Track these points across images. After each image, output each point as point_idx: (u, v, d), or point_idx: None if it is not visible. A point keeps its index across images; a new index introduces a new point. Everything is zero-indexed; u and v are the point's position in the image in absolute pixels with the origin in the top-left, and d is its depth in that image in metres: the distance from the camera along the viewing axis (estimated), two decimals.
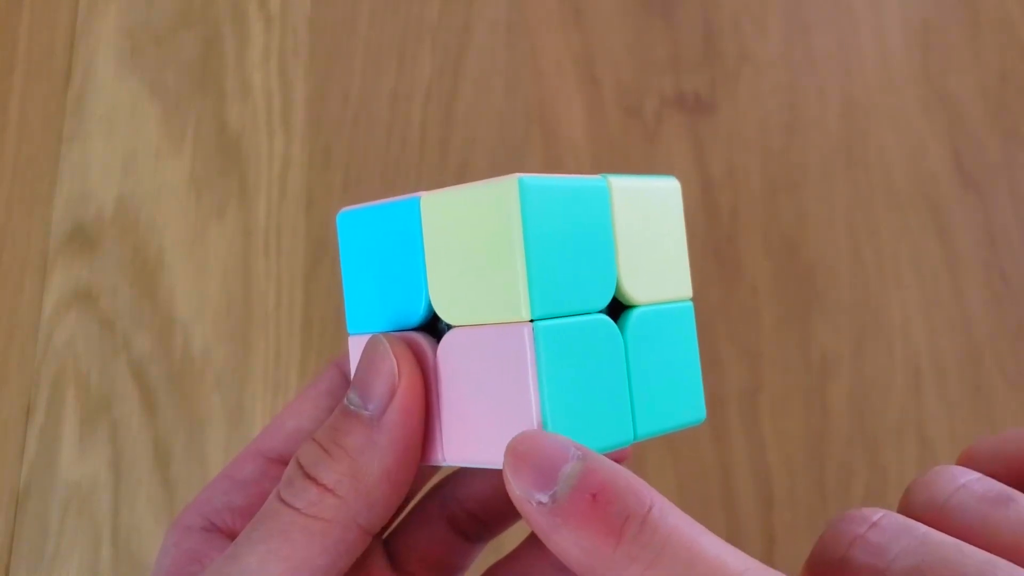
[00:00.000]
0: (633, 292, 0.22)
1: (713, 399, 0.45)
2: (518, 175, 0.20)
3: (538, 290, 0.20)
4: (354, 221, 0.23)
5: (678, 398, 0.23)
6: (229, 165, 0.49)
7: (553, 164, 0.49)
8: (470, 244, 0.20)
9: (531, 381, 0.19)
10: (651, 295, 0.23)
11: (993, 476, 0.19)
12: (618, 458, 0.25)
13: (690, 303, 0.24)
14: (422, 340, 0.22)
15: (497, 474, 0.24)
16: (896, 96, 0.51)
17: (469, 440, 0.21)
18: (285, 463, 0.24)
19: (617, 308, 0.22)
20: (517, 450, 0.18)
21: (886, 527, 0.18)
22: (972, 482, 0.19)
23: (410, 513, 0.27)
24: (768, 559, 0.42)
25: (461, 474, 0.27)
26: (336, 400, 0.25)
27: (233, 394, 0.45)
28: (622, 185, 0.22)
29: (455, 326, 0.21)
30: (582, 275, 0.21)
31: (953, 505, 0.19)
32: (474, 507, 0.26)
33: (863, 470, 0.44)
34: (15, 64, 0.52)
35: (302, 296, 0.47)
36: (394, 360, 0.21)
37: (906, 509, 0.19)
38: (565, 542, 0.17)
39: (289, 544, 0.20)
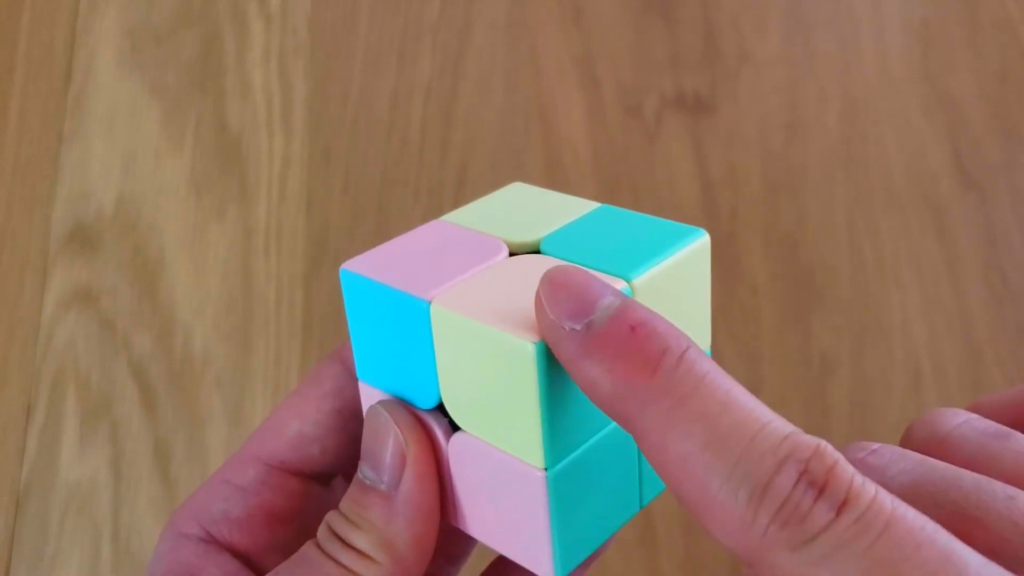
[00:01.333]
0: None
1: None
2: (533, 340, 0.18)
3: (552, 443, 0.19)
4: (359, 287, 0.22)
5: None
6: (229, 165, 0.49)
7: (553, 164, 0.49)
8: (484, 378, 0.20)
9: (543, 520, 0.19)
10: None
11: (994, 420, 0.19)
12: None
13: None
14: (433, 421, 0.21)
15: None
16: (896, 96, 0.51)
17: (480, 521, 0.21)
18: (287, 470, 0.24)
19: None
20: (556, 279, 0.18)
21: (884, 452, 0.18)
22: (973, 419, 0.19)
23: None
24: None
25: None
26: (341, 403, 0.24)
27: (233, 394, 0.45)
28: (647, 284, 0.20)
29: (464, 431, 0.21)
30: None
31: (954, 438, 0.19)
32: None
33: None
34: (15, 64, 0.52)
35: (302, 296, 0.47)
36: (398, 430, 0.21)
37: (906, 443, 0.20)
38: (595, 369, 0.17)
39: None
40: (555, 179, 0.49)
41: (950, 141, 0.50)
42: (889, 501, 0.15)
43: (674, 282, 0.21)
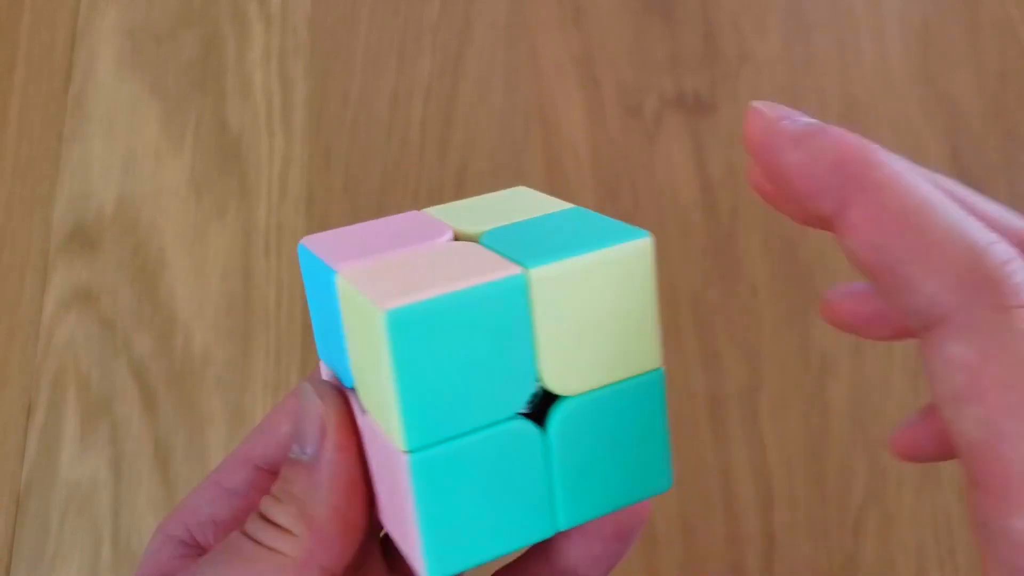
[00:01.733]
0: (561, 384, 0.20)
1: (713, 399, 0.45)
2: (387, 307, 0.17)
3: (413, 424, 0.18)
4: (306, 261, 0.22)
5: (632, 473, 0.21)
6: (229, 165, 0.49)
7: (553, 164, 0.49)
8: (365, 350, 0.19)
9: (412, 509, 0.19)
10: (589, 382, 0.20)
11: None
12: (636, 523, 0.25)
13: (658, 372, 0.21)
14: (352, 395, 0.21)
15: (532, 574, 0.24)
16: (896, 96, 0.51)
17: (385, 513, 0.21)
18: (275, 473, 0.24)
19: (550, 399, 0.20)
20: (762, 104, 0.20)
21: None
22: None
23: None
24: (768, 559, 0.42)
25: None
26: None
27: (233, 394, 0.45)
28: (546, 275, 0.19)
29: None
30: (481, 388, 0.19)
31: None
32: None
33: (863, 470, 0.44)
34: (15, 64, 0.52)
35: (302, 296, 0.47)
36: (319, 402, 0.21)
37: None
38: (813, 149, 0.18)
39: (250, 569, 0.20)
40: (555, 179, 0.49)
41: (950, 141, 0.50)
42: None
43: (594, 282, 0.19)
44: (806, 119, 0.19)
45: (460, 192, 0.49)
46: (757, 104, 0.20)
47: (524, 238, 0.20)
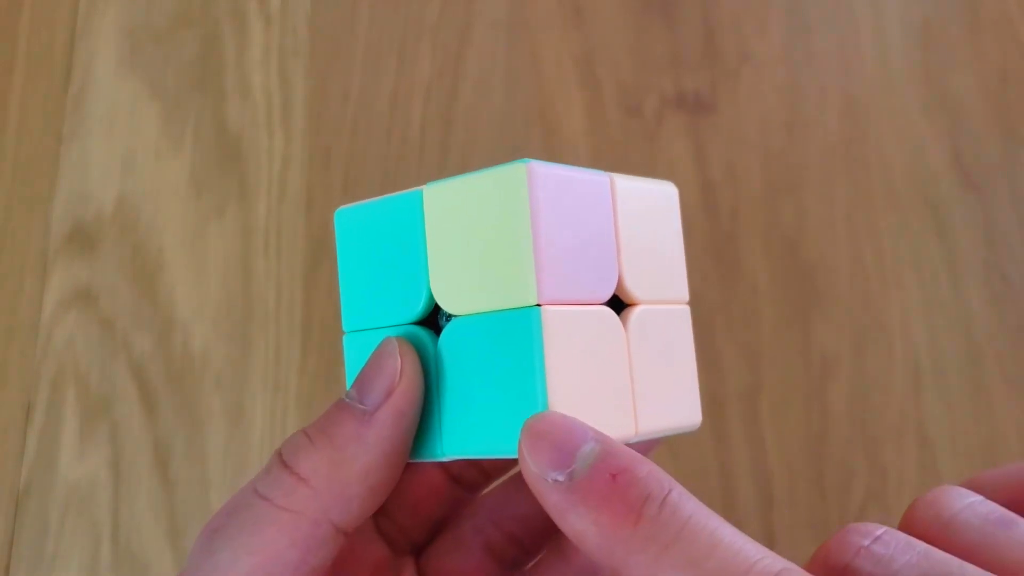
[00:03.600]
0: (445, 301, 0.21)
1: (713, 399, 0.45)
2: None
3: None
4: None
5: (509, 418, 0.21)
6: (229, 165, 0.49)
7: None
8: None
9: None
10: (469, 305, 0.21)
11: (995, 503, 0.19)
12: (644, 449, 0.25)
13: (534, 310, 0.21)
14: (425, 338, 0.22)
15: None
16: (896, 96, 0.51)
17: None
18: None
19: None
20: (534, 429, 0.18)
21: (889, 541, 0.18)
22: (976, 503, 0.19)
23: (444, 538, 0.26)
24: None
25: (500, 496, 0.26)
26: None
27: (233, 394, 0.45)
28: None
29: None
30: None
31: (958, 523, 0.19)
32: (515, 528, 0.25)
33: (863, 470, 0.44)
34: (15, 64, 0.52)
35: (302, 296, 0.47)
36: (399, 361, 0.21)
37: (909, 524, 0.19)
38: (581, 521, 0.17)
39: (259, 537, 0.20)
40: None
41: (950, 141, 0.50)
42: None
43: (475, 205, 0.21)
44: (582, 451, 0.18)
45: None
46: (524, 435, 0.18)
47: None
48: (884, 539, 0.18)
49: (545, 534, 0.26)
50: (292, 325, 0.46)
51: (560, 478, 0.18)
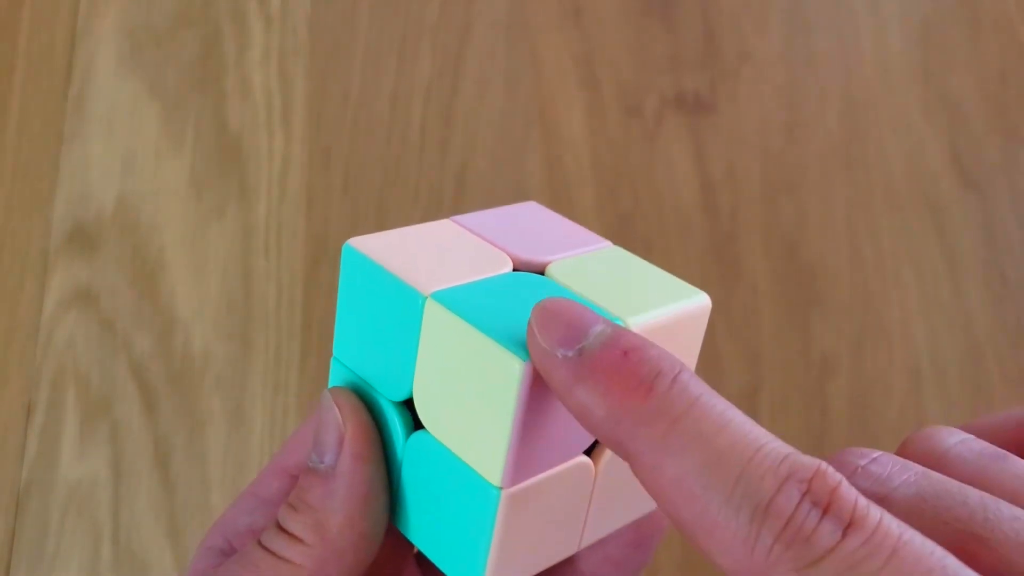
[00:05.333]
0: (420, 410, 0.21)
1: None
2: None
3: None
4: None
5: (452, 541, 0.21)
6: (229, 165, 0.49)
7: (553, 164, 0.49)
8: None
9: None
10: (438, 432, 0.21)
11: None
12: (655, 532, 0.25)
13: (494, 491, 0.21)
14: (398, 423, 0.22)
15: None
16: (896, 96, 0.51)
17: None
18: None
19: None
20: (548, 308, 0.18)
21: (886, 462, 0.18)
22: (970, 439, 0.19)
23: None
24: None
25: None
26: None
27: (233, 394, 0.45)
28: (434, 312, 0.20)
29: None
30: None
31: (952, 456, 0.19)
32: None
33: None
34: (15, 64, 0.52)
35: (302, 296, 0.47)
36: (336, 411, 0.21)
37: (903, 456, 0.19)
38: (589, 394, 0.17)
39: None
40: (555, 179, 0.49)
41: (950, 141, 0.50)
42: (896, 525, 0.15)
43: (466, 355, 0.20)
44: (593, 331, 0.18)
45: (460, 192, 0.49)
46: (535, 313, 0.18)
47: (593, 280, 0.21)
48: (881, 460, 0.18)
49: None
50: (292, 325, 0.46)
51: (569, 353, 0.17)
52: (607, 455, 0.21)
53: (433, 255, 0.21)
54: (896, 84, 0.51)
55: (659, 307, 0.20)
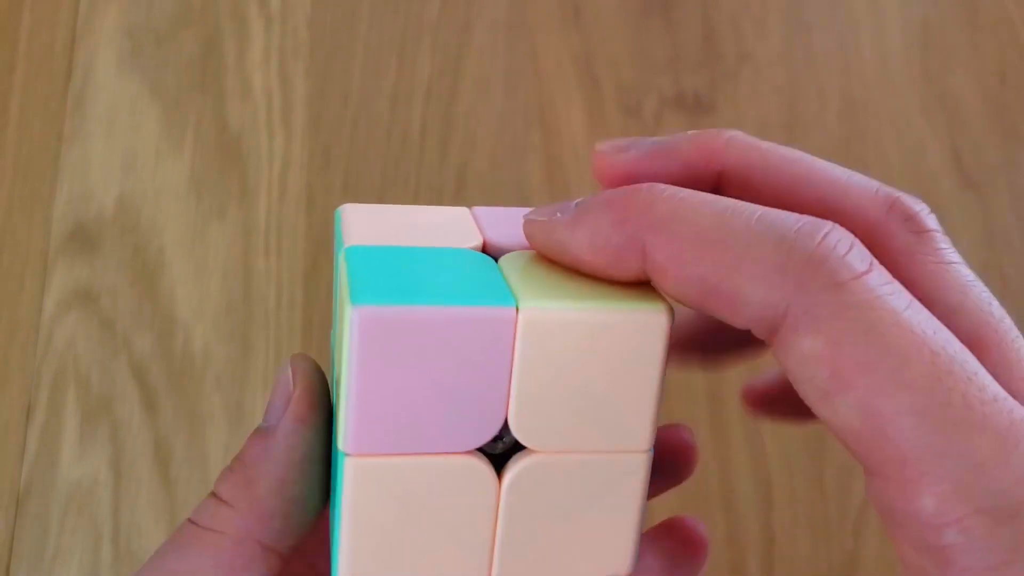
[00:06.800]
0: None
1: (713, 399, 0.45)
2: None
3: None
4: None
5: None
6: (229, 165, 0.49)
7: (553, 164, 0.49)
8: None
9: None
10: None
11: None
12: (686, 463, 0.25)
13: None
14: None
15: None
16: (896, 96, 0.51)
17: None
18: None
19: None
20: (531, 213, 0.19)
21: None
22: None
23: None
24: (768, 559, 0.42)
25: None
26: None
27: (233, 394, 0.45)
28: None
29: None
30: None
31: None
32: None
33: (863, 470, 0.44)
34: (15, 64, 0.52)
35: (302, 296, 0.47)
36: (289, 372, 0.21)
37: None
38: (591, 223, 0.18)
39: (184, 561, 0.20)
40: (555, 179, 0.49)
41: (949, 141, 0.50)
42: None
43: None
44: (579, 200, 0.18)
45: (460, 192, 0.49)
46: (529, 215, 0.19)
47: (540, 271, 0.19)
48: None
49: None
50: (292, 325, 0.46)
51: (565, 212, 0.18)
52: (519, 472, 0.19)
53: (406, 224, 0.20)
54: (896, 84, 0.51)
55: (576, 302, 0.18)
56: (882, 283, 0.15)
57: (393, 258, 0.19)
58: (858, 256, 0.15)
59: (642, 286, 0.18)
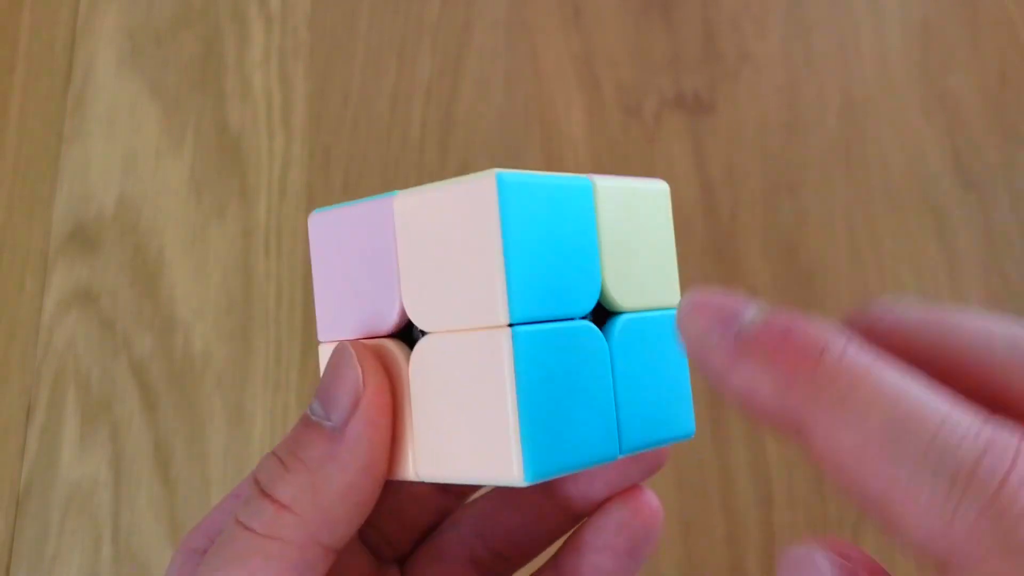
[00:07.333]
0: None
1: (713, 399, 0.45)
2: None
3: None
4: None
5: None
6: (229, 165, 0.49)
7: (554, 164, 0.49)
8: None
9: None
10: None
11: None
12: (656, 464, 0.24)
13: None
14: (394, 348, 0.20)
15: (525, 506, 0.23)
16: (896, 96, 0.51)
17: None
18: None
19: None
20: (695, 298, 0.17)
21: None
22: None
23: (428, 548, 0.25)
24: (768, 559, 0.42)
25: (486, 507, 0.25)
26: None
27: (233, 394, 0.45)
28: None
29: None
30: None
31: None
32: (500, 544, 0.24)
33: None
34: (15, 64, 0.52)
35: (302, 296, 0.47)
36: (359, 369, 0.20)
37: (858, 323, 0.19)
38: (752, 373, 0.16)
39: (246, 570, 0.19)
40: None
41: (950, 141, 0.50)
42: None
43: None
44: (745, 322, 0.17)
45: None
46: (683, 304, 0.17)
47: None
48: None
49: (529, 549, 0.25)
50: (292, 325, 0.46)
51: (726, 336, 0.17)
52: (415, 352, 0.20)
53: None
54: (896, 84, 0.51)
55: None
56: None
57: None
58: None
59: None
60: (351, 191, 0.49)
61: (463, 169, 0.49)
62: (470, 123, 0.50)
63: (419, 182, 0.49)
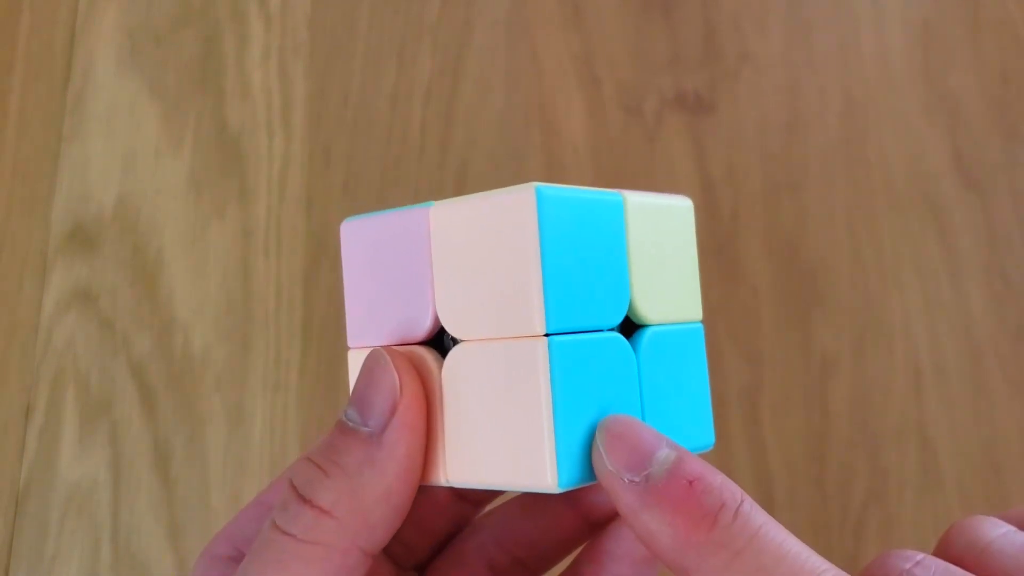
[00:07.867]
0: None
1: (713, 399, 0.45)
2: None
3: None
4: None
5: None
6: (229, 165, 0.49)
7: (553, 164, 0.49)
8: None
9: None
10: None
11: None
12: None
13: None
14: (427, 355, 0.21)
15: (546, 514, 0.24)
16: (896, 96, 0.51)
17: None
18: None
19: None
20: (612, 429, 0.19)
21: (930, 565, 0.18)
22: (1011, 532, 0.19)
23: (447, 556, 0.25)
24: None
25: (505, 516, 0.25)
26: None
27: (233, 394, 0.45)
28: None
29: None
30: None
31: (994, 550, 0.19)
32: (520, 551, 0.25)
33: (863, 471, 0.44)
34: (15, 63, 0.52)
35: (302, 296, 0.47)
36: (395, 374, 0.20)
37: (944, 550, 0.20)
38: (654, 523, 0.18)
39: (286, 574, 0.19)
40: (555, 179, 0.49)
41: (950, 141, 0.50)
42: None
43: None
44: (659, 456, 0.18)
45: (460, 192, 0.49)
46: (601, 434, 0.19)
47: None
48: (925, 563, 0.18)
49: (548, 557, 0.25)
50: (292, 325, 0.46)
51: (636, 479, 0.18)
52: (448, 360, 0.20)
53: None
54: (896, 84, 0.51)
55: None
56: None
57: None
58: None
59: None
60: (351, 191, 0.49)
61: (463, 169, 0.49)
62: (470, 123, 0.50)
63: (418, 181, 0.49)
